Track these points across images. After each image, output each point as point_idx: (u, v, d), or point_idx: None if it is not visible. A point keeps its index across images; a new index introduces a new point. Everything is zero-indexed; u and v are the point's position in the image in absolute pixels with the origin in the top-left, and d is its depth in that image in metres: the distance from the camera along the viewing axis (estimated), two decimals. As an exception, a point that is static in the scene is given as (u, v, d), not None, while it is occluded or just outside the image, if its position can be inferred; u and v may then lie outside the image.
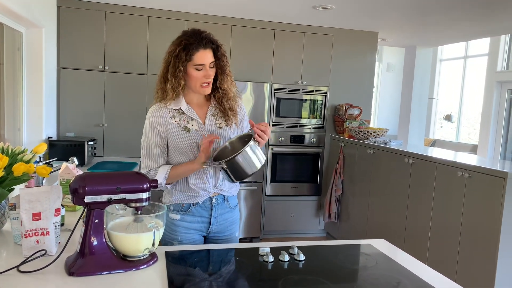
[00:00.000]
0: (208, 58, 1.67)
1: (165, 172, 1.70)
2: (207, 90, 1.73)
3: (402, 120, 5.94)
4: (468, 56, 7.45)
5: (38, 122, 3.52)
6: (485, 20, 3.99)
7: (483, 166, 2.59)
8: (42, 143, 1.64)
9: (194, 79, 1.69)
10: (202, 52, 1.66)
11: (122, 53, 4.05)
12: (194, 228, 1.79)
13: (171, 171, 1.71)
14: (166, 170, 1.71)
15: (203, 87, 1.70)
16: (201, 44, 1.65)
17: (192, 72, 1.67)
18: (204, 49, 1.66)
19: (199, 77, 1.68)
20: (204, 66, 1.67)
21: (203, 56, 1.66)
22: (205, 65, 1.67)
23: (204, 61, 1.66)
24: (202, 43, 1.65)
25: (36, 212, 1.34)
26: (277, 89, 4.47)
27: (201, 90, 1.72)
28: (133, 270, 1.30)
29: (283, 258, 1.45)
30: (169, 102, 1.73)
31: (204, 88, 1.71)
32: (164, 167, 1.72)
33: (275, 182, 4.57)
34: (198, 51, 1.65)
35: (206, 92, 1.73)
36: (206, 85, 1.71)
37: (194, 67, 1.67)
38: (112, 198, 1.29)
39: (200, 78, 1.68)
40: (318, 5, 3.69)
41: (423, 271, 1.43)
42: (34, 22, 3.17)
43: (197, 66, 1.66)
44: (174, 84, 1.67)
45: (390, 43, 5.62)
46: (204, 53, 1.66)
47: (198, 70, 1.67)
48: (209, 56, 1.67)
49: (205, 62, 1.67)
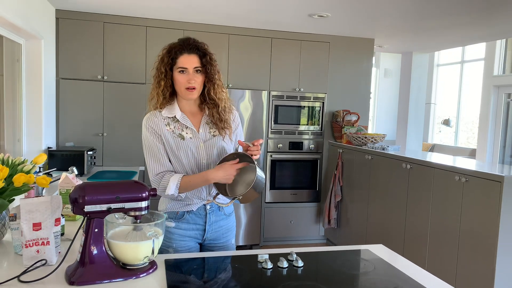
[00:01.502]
0: (192, 62, 1.69)
1: (175, 183, 1.68)
2: (192, 95, 1.72)
3: (400, 126, 5.96)
4: (464, 61, 7.50)
5: (38, 132, 3.54)
6: (481, 25, 4.03)
7: (480, 171, 2.61)
8: (41, 154, 1.66)
9: (178, 83, 1.71)
10: (186, 56, 1.69)
11: (121, 63, 4.08)
12: (189, 235, 1.79)
13: (182, 180, 1.69)
14: (177, 180, 1.69)
15: (187, 90, 1.70)
16: (185, 49, 1.69)
17: (176, 76, 1.71)
18: (188, 53, 1.69)
19: (183, 82, 1.70)
20: (187, 70, 1.69)
21: (186, 60, 1.69)
22: (187, 69, 1.69)
23: (187, 65, 1.69)
24: (187, 47, 1.69)
25: (36, 222, 1.35)
26: (275, 96, 4.49)
27: (186, 94, 1.72)
28: (133, 279, 1.31)
29: (282, 265, 1.46)
30: (162, 109, 1.75)
31: (188, 91, 1.71)
32: (175, 177, 1.70)
33: (274, 189, 4.58)
34: (181, 55, 1.69)
35: (191, 97, 1.73)
36: (191, 90, 1.71)
37: (178, 70, 1.70)
38: (112, 207, 1.31)
39: (184, 82, 1.70)
40: (314, 13, 3.73)
41: (421, 276, 1.44)
42: (33, 33, 3.20)
43: (180, 69, 1.69)
44: (162, 88, 1.72)
45: (386, 49, 5.66)
46: (187, 58, 1.69)
47: (182, 73, 1.69)
48: (193, 60, 1.69)
49: (188, 66, 1.69)
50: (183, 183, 1.69)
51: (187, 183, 1.69)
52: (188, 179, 1.69)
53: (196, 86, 1.71)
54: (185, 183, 1.69)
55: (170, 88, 1.74)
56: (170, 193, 1.68)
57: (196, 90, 1.72)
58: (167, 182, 1.69)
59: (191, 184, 1.70)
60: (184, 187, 1.69)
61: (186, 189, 1.71)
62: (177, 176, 1.70)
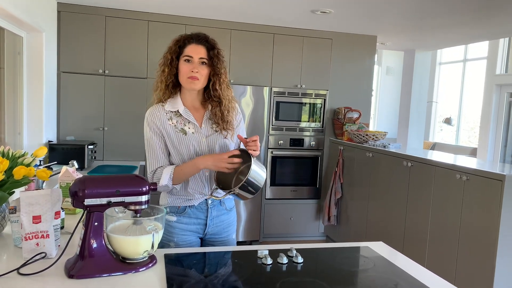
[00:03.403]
0: (198, 52, 1.70)
1: (169, 173, 1.70)
2: (194, 85, 1.71)
3: (401, 124, 5.95)
4: (467, 59, 7.47)
5: (38, 125, 3.53)
6: (484, 24, 4.01)
7: (481, 169, 2.60)
8: (42, 147, 1.65)
9: (182, 71, 1.71)
10: (193, 46, 1.70)
11: (122, 57, 4.08)
12: (190, 229, 1.80)
13: (175, 171, 1.71)
14: (170, 171, 1.71)
15: (190, 79, 1.69)
16: (194, 39, 1.71)
17: (181, 65, 1.71)
18: (196, 44, 1.70)
19: (187, 70, 1.69)
20: (193, 59, 1.69)
21: (193, 49, 1.69)
22: (193, 58, 1.69)
23: (193, 54, 1.69)
24: (196, 38, 1.71)
25: (36, 215, 1.35)
26: (277, 92, 4.48)
27: (187, 83, 1.71)
28: (132, 273, 1.31)
29: (282, 261, 1.46)
30: (165, 101, 1.75)
31: (191, 80, 1.69)
32: (168, 168, 1.71)
33: (275, 185, 4.58)
34: (189, 44, 1.71)
35: (193, 86, 1.71)
36: (192, 79, 1.69)
37: (183, 59, 1.70)
38: (112, 201, 1.30)
39: (187, 71, 1.69)
40: (317, 10, 3.71)
41: (421, 273, 1.44)
42: (35, 26, 3.19)
43: (186, 57, 1.69)
44: (166, 74, 1.72)
45: (389, 46, 5.64)
46: (194, 47, 1.70)
47: (187, 62, 1.70)
48: (200, 51, 1.70)
49: (194, 55, 1.69)
50: (176, 173, 1.70)
51: (179, 172, 1.70)
52: (180, 168, 1.71)
53: (199, 77, 1.70)
54: (178, 172, 1.70)
55: (173, 77, 1.74)
56: (164, 183, 1.69)
57: (199, 82, 1.71)
58: (160, 174, 1.71)
59: (184, 173, 1.71)
60: (177, 177, 1.71)
61: (180, 179, 1.72)
62: (170, 168, 1.72)
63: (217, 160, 1.65)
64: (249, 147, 1.67)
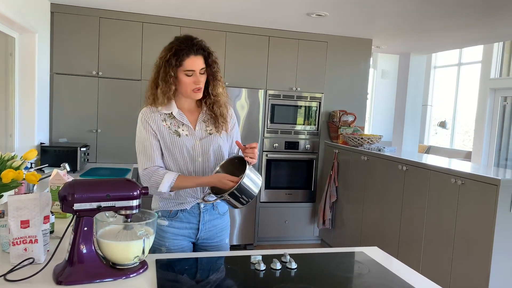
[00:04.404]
0: (199, 64, 1.68)
1: (170, 182, 1.66)
2: (199, 95, 1.74)
3: (396, 127, 5.96)
4: (461, 63, 7.50)
5: (31, 127, 3.49)
6: (479, 28, 4.02)
7: (476, 173, 2.59)
8: (32, 149, 1.63)
9: (185, 85, 1.69)
10: (193, 58, 1.67)
11: (116, 59, 4.04)
12: (183, 234, 1.77)
13: (176, 180, 1.66)
14: (172, 179, 1.66)
15: (194, 92, 1.71)
16: (192, 51, 1.66)
17: (182, 78, 1.68)
18: (195, 55, 1.67)
19: (190, 83, 1.69)
20: (195, 72, 1.68)
21: (194, 62, 1.67)
22: (195, 71, 1.68)
23: (194, 67, 1.67)
24: (193, 49, 1.67)
25: (24, 220, 1.32)
26: (272, 95, 4.47)
27: (192, 95, 1.73)
28: (122, 279, 1.28)
29: (275, 266, 1.44)
30: (160, 106, 1.72)
31: (195, 93, 1.72)
32: (169, 176, 1.67)
33: (269, 188, 4.56)
34: (188, 57, 1.66)
35: (198, 97, 1.74)
36: (197, 91, 1.72)
37: (185, 73, 1.68)
38: (102, 205, 1.28)
39: (190, 84, 1.69)
40: (312, 12, 3.71)
41: (415, 279, 1.42)
42: (27, 27, 3.15)
43: (187, 72, 1.67)
44: (165, 89, 1.68)
45: (384, 50, 5.65)
46: (194, 59, 1.67)
47: (188, 76, 1.68)
48: (199, 62, 1.68)
49: (195, 68, 1.68)
50: (177, 183, 1.67)
51: (180, 184, 1.67)
52: (183, 180, 1.68)
53: (202, 86, 1.73)
54: (178, 184, 1.67)
55: (174, 88, 1.71)
56: (163, 191, 1.65)
57: (202, 90, 1.74)
58: (160, 178, 1.66)
59: (184, 185, 1.69)
60: (177, 187, 1.68)
61: (177, 189, 1.70)
62: (172, 175, 1.67)
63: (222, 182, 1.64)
64: (246, 154, 1.65)
